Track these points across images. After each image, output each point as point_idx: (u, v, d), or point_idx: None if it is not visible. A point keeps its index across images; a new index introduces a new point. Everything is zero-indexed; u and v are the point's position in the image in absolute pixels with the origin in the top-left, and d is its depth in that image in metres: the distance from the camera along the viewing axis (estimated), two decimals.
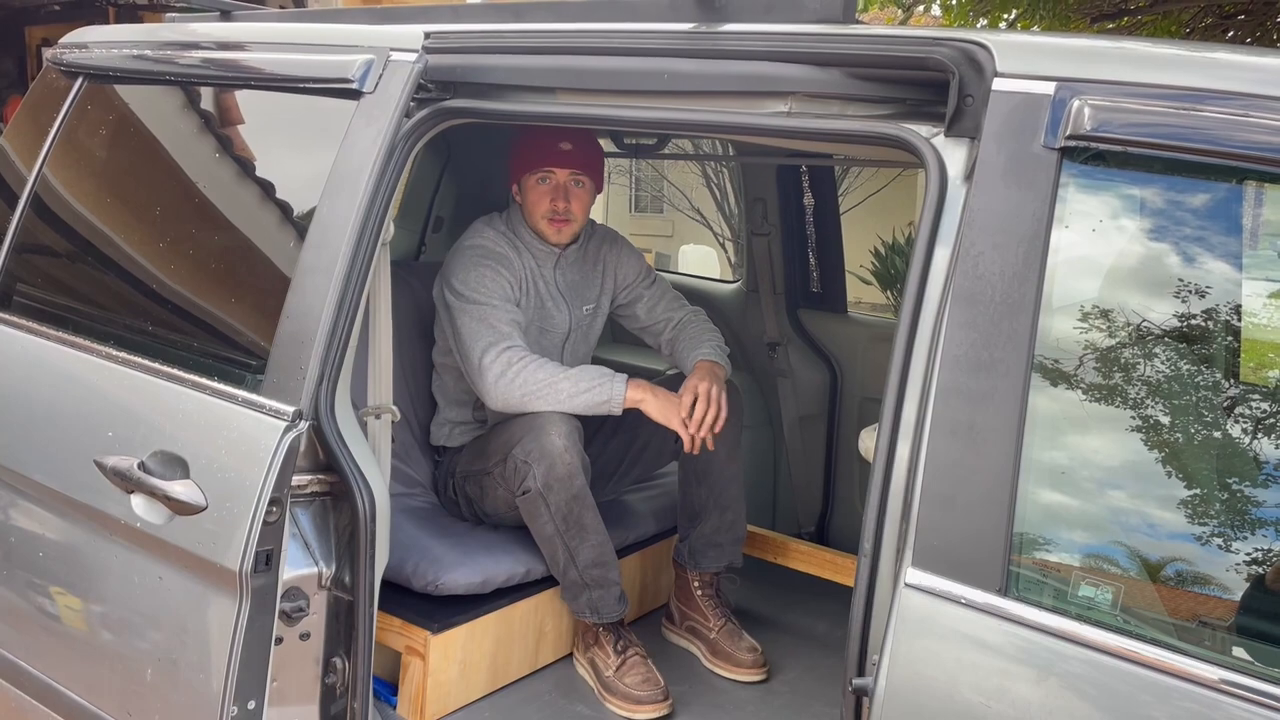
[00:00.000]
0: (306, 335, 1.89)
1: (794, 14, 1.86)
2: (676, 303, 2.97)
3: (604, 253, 2.94)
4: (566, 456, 2.46)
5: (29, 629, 2.23)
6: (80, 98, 2.48)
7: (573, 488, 2.48)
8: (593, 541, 2.53)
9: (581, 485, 2.49)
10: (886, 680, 1.41)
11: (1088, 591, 1.36)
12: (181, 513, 1.89)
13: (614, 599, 2.60)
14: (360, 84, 2.02)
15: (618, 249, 2.97)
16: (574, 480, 2.48)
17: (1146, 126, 1.41)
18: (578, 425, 2.54)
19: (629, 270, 2.95)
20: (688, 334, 2.88)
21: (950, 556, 1.42)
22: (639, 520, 2.96)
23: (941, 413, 1.45)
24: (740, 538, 2.83)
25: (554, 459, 2.46)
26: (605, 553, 2.57)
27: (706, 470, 2.73)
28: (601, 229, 3.00)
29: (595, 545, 2.54)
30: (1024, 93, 1.51)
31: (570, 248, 2.83)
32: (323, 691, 2.03)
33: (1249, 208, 1.42)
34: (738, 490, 2.79)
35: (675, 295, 2.99)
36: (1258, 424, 1.40)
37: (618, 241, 2.99)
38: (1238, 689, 1.26)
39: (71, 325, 2.28)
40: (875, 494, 1.53)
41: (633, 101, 1.92)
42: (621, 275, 2.95)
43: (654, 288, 2.98)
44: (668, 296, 2.98)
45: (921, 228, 1.57)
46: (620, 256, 2.96)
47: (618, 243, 2.98)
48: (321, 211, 1.97)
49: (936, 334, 1.51)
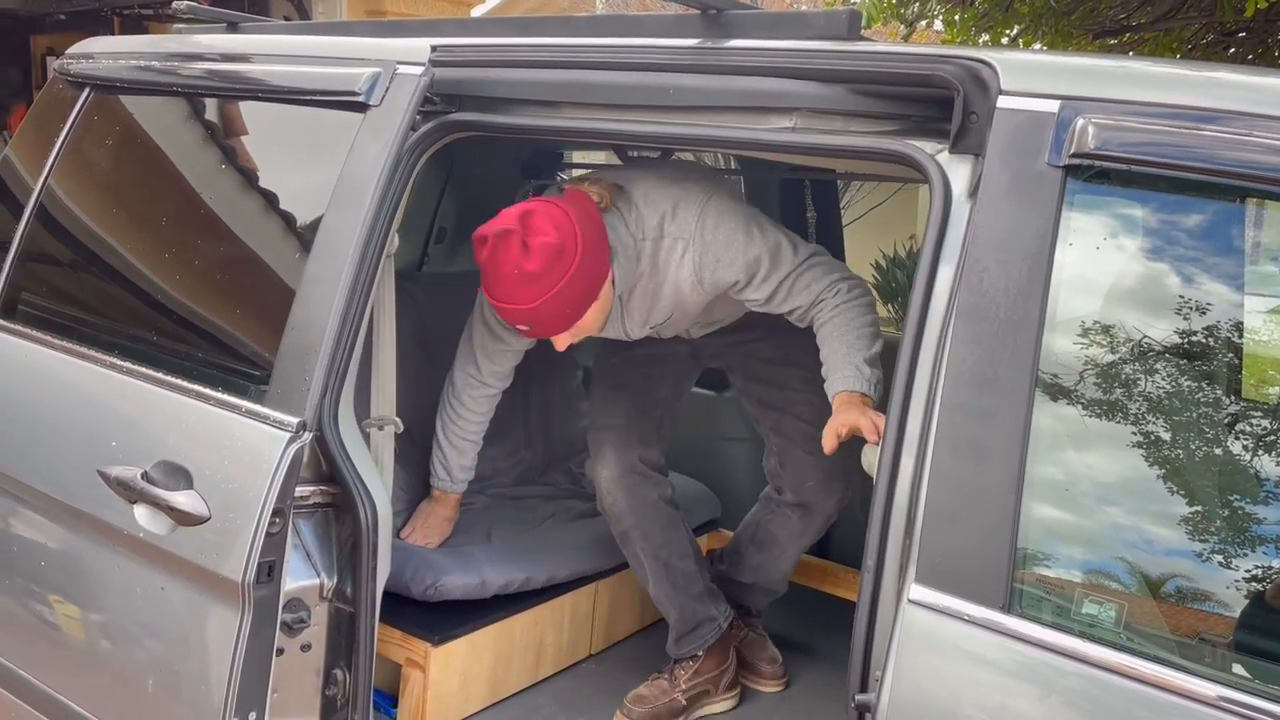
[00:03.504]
0: (311, 346, 1.90)
1: (799, 30, 1.87)
2: (805, 291, 2.25)
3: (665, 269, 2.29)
4: (609, 497, 2.52)
5: (30, 639, 2.22)
6: (86, 108, 2.49)
7: (620, 526, 2.54)
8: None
9: (628, 528, 2.53)
10: (890, 697, 1.41)
11: (1091, 608, 1.36)
12: (184, 523, 1.90)
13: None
14: (367, 97, 2.02)
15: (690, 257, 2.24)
16: (621, 521, 2.53)
17: (1149, 145, 1.42)
18: (639, 446, 2.53)
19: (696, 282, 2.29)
20: (822, 344, 2.24)
21: (953, 572, 1.42)
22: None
23: (945, 428, 1.46)
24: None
25: (601, 493, 2.54)
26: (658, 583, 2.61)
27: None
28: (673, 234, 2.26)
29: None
30: (1029, 110, 1.52)
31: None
32: (323, 703, 2.03)
33: (1250, 226, 1.43)
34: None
35: (802, 280, 2.24)
36: (1260, 441, 1.41)
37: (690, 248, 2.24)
38: (1237, 706, 1.26)
39: (76, 335, 2.28)
40: (879, 509, 1.54)
41: (639, 116, 1.93)
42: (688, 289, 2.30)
43: (756, 288, 2.26)
44: (784, 289, 2.25)
45: (926, 243, 1.58)
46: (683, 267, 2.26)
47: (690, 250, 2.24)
48: (327, 223, 1.97)
49: (941, 349, 1.52)
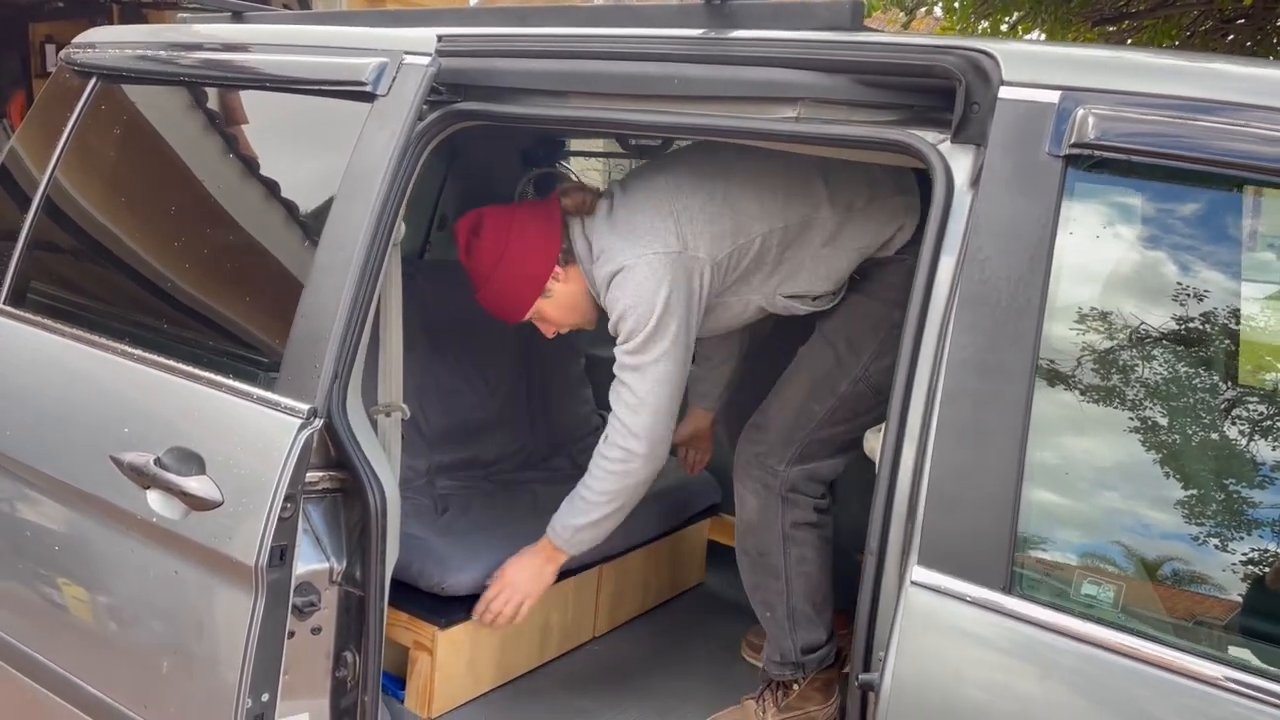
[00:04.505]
0: (321, 334, 1.92)
1: (802, 20, 1.89)
2: (614, 392, 2.28)
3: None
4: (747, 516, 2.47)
5: (45, 623, 2.25)
6: (94, 98, 2.50)
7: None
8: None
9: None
10: (893, 676, 1.44)
11: (1090, 589, 1.39)
12: (197, 508, 1.92)
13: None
14: (374, 86, 2.04)
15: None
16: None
17: (1148, 136, 1.45)
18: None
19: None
20: None
21: (955, 555, 1.45)
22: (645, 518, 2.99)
23: (948, 415, 1.48)
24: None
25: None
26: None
27: None
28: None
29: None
30: (1029, 101, 1.54)
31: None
32: (333, 685, 2.06)
33: (1248, 215, 1.45)
34: None
35: (621, 379, 2.25)
36: (1256, 426, 1.44)
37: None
38: (1238, 685, 1.29)
39: (86, 323, 2.30)
40: (881, 494, 1.56)
41: (644, 106, 1.95)
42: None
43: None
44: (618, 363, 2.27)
45: (928, 233, 1.60)
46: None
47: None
48: (336, 212, 1.99)
49: (943, 336, 1.54)
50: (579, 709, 2.58)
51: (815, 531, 2.42)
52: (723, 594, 3.22)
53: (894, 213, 2.31)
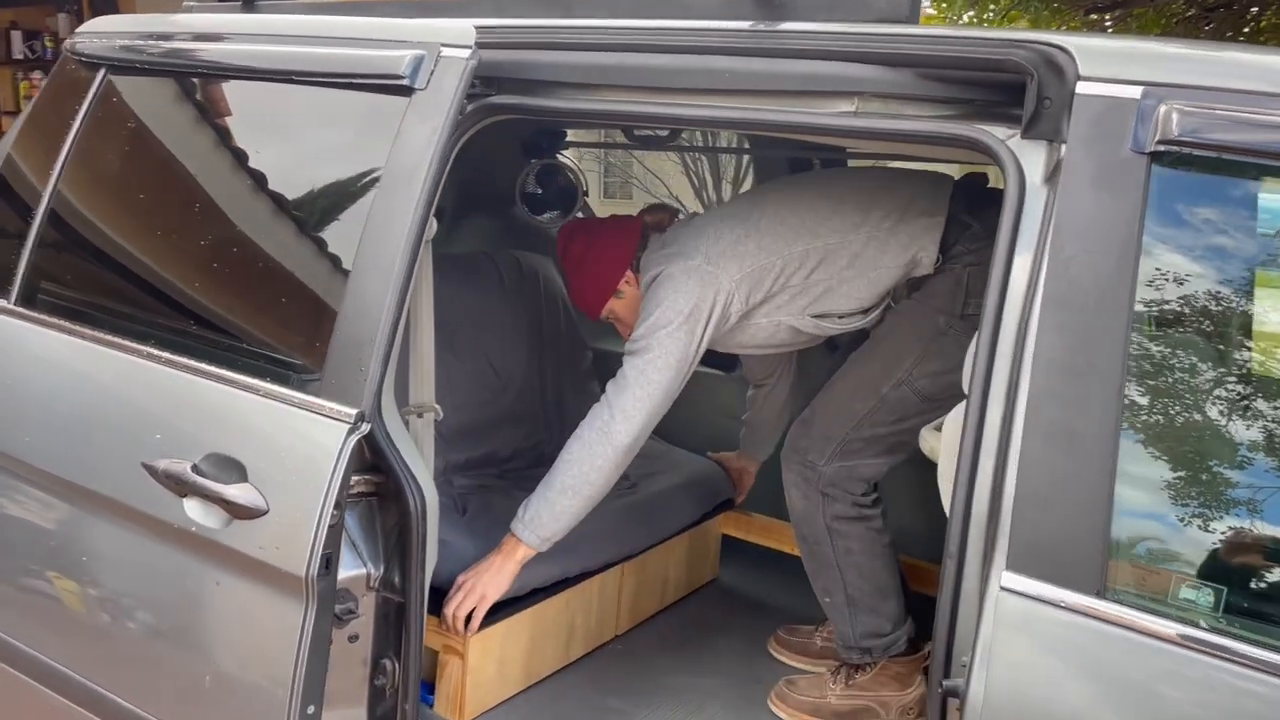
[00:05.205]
0: (366, 337, 1.86)
1: (858, 13, 1.85)
2: (622, 368, 2.43)
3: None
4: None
5: (75, 635, 2.17)
6: (103, 90, 2.42)
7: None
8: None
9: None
10: (985, 683, 1.42)
11: (1189, 594, 1.37)
12: (241, 516, 1.86)
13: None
14: (411, 80, 1.97)
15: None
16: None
17: (1234, 132, 1.43)
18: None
19: None
20: None
21: (1046, 560, 1.42)
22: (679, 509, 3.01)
23: (1035, 416, 1.46)
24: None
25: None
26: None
27: None
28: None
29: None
30: (1110, 96, 1.51)
31: None
32: (371, 693, 2.01)
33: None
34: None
35: (631, 355, 2.41)
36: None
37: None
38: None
39: (107, 325, 2.21)
40: (960, 498, 1.54)
41: (692, 100, 1.91)
42: None
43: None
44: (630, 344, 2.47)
45: (1002, 230, 1.58)
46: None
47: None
48: (377, 210, 1.93)
49: (1021, 337, 1.52)
50: (607, 708, 2.55)
51: (860, 525, 2.47)
52: (739, 589, 3.20)
53: (914, 236, 2.38)
